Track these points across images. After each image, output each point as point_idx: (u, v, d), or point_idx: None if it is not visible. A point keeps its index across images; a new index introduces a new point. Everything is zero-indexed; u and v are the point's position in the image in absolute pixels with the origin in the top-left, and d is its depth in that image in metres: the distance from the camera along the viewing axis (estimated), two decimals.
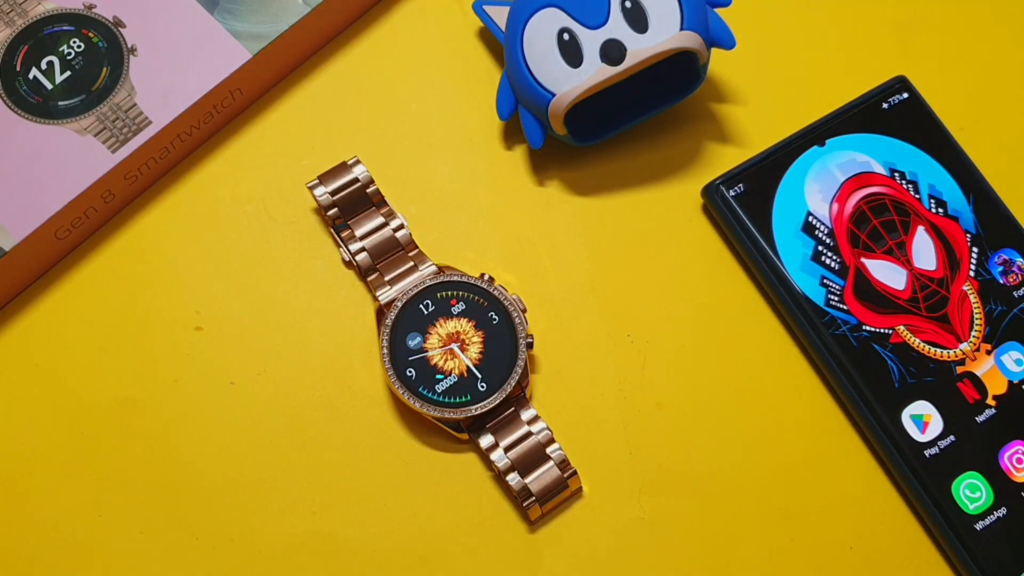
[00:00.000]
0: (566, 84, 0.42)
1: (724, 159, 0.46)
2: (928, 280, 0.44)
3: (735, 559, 0.41)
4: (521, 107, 0.44)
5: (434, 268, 0.43)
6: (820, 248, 0.44)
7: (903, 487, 0.42)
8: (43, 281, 0.44)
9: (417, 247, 0.44)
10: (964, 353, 0.43)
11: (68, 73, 0.43)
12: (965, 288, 0.44)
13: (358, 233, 0.44)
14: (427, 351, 0.41)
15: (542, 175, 0.46)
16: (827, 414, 0.43)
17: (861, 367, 0.42)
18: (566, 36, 0.42)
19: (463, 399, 0.41)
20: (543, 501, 0.41)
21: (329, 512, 0.41)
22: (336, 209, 0.44)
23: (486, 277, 0.42)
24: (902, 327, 0.43)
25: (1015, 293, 0.44)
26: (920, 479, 0.41)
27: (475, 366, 0.41)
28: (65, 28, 0.44)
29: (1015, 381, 0.43)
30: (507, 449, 0.41)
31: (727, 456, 0.42)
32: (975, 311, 0.43)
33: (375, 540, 0.41)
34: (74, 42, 0.43)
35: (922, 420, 0.42)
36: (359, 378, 0.43)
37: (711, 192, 0.45)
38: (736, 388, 0.43)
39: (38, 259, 0.43)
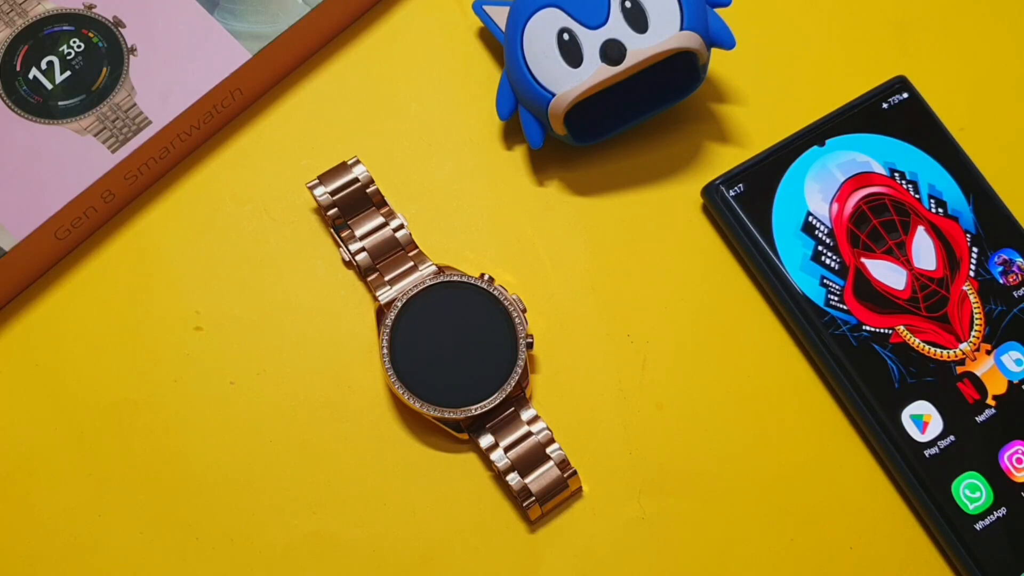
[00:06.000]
0: (566, 84, 0.42)
1: (724, 159, 0.46)
2: (928, 280, 0.44)
3: (735, 559, 0.41)
4: (521, 107, 0.44)
5: (434, 268, 0.43)
6: (820, 248, 0.44)
7: (903, 487, 0.42)
8: (43, 281, 0.44)
9: (417, 247, 0.44)
10: (964, 353, 0.43)
11: (68, 73, 0.43)
12: (965, 288, 0.44)
13: (358, 233, 0.44)
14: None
15: (542, 175, 0.46)
16: (827, 414, 0.43)
17: (861, 367, 0.42)
18: (566, 36, 0.42)
19: (463, 399, 0.41)
20: (543, 501, 0.41)
21: (329, 512, 0.41)
22: (336, 209, 0.44)
23: (486, 277, 0.42)
24: (902, 327, 0.43)
25: (1015, 293, 0.44)
26: (920, 479, 0.41)
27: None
28: (65, 28, 0.44)
29: (1015, 381, 0.43)
30: (507, 449, 0.41)
31: (727, 456, 0.42)
32: (975, 311, 0.43)
33: (375, 540, 0.41)
34: (74, 42, 0.43)
35: (922, 420, 0.42)
36: (359, 378, 0.43)
37: (711, 192, 0.45)
38: (736, 388, 0.43)
39: (38, 259, 0.43)
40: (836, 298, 0.43)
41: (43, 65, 0.43)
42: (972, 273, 0.44)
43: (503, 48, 0.44)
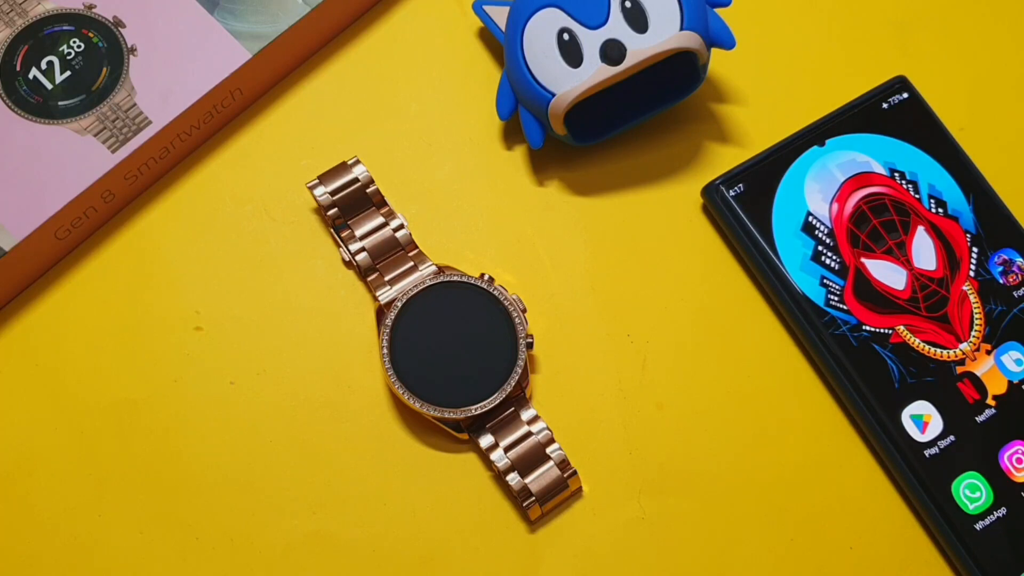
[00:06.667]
0: (566, 84, 0.42)
1: (724, 159, 0.46)
2: (928, 280, 0.44)
3: (735, 559, 0.41)
4: (521, 107, 0.44)
5: (434, 268, 0.43)
6: (820, 248, 0.44)
7: (903, 487, 0.42)
8: (43, 281, 0.44)
9: (417, 247, 0.44)
10: (964, 353, 0.43)
11: (68, 73, 0.43)
12: (965, 288, 0.44)
13: (358, 233, 0.44)
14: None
15: (542, 175, 0.46)
16: (827, 414, 0.43)
17: (861, 367, 0.42)
18: (566, 36, 0.42)
19: (463, 399, 0.41)
20: (543, 501, 0.41)
21: (329, 512, 0.41)
22: (336, 209, 0.44)
23: (486, 277, 0.42)
24: (902, 327, 0.43)
25: (1015, 293, 0.44)
26: (920, 479, 0.41)
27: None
28: (65, 28, 0.44)
29: (1015, 381, 0.43)
30: (507, 449, 0.41)
31: (727, 456, 0.42)
32: (975, 311, 0.43)
33: (375, 540, 0.41)
34: (74, 42, 0.43)
35: (922, 420, 0.42)
36: (359, 378, 0.43)
37: (711, 192, 0.45)
38: (736, 388, 0.43)
39: (38, 259, 0.43)
40: (836, 298, 0.43)
41: (43, 65, 0.43)
42: (972, 273, 0.44)
43: (503, 48, 0.44)
